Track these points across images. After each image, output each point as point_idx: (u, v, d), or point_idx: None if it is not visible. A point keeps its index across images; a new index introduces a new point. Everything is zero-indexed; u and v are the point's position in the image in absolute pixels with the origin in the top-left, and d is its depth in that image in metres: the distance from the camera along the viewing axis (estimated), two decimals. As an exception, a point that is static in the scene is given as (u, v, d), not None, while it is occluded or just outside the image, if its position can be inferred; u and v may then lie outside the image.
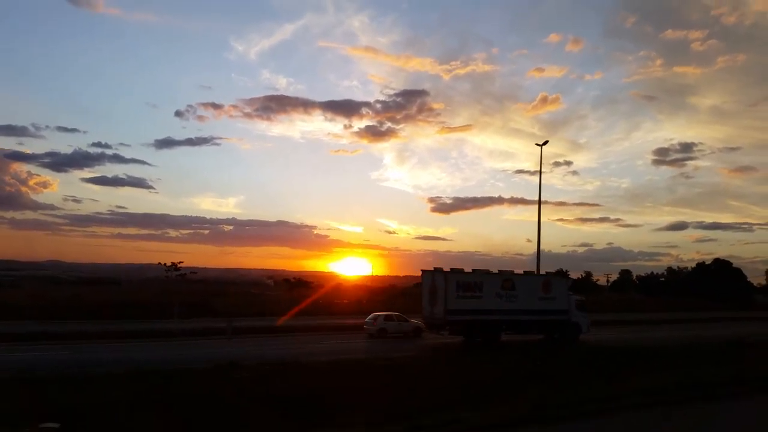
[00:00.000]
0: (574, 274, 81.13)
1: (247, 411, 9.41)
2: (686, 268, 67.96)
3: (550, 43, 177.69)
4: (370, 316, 29.66)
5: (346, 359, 17.07)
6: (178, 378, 12.88)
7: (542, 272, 30.80)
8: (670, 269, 68.25)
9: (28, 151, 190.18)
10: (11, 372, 13.76)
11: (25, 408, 9.09)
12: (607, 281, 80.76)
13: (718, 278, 60.74)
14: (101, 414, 8.94)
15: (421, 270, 26.39)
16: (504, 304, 24.21)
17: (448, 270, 24.84)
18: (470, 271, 25.28)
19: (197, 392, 10.94)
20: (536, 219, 37.24)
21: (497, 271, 25.74)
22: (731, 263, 66.54)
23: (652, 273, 69.50)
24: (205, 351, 21.59)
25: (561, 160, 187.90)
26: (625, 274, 70.31)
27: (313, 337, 27.99)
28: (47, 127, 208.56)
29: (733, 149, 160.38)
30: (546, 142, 32.78)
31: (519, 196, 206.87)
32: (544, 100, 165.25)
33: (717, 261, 66.99)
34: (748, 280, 67.79)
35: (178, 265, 41.35)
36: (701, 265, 66.26)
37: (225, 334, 26.69)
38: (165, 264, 41.01)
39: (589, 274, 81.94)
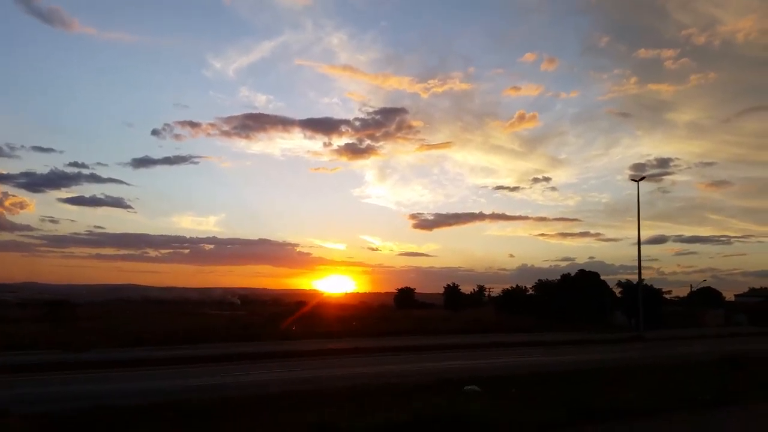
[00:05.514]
0: (465, 287, 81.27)
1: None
2: (554, 280, 66.39)
3: (525, 62, 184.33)
4: None
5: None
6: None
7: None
8: (539, 282, 66.45)
9: (3, 172, 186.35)
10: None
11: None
12: (489, 295, 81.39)
13: (575, 292, 57.78)
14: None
15: None
16: None
17: None
18: None
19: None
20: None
21: None
22: (599, 274, 62.87)
23: (516, 287, 68.10)
24: None
25: (540, 176, 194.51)
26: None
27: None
28: (22, 146, 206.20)
29: (708, 164, 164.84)
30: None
31: (500, 212, 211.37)
32: (522, 118, 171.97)
33: (581, 272, 62.54)
34: (612, 292, 61.01)
35: None
36: (565, 277, 62.17)
37: None
38: None
39: (481, 288, 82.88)
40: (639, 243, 41.42)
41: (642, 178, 43.41)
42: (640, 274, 42.17)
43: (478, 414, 9.34)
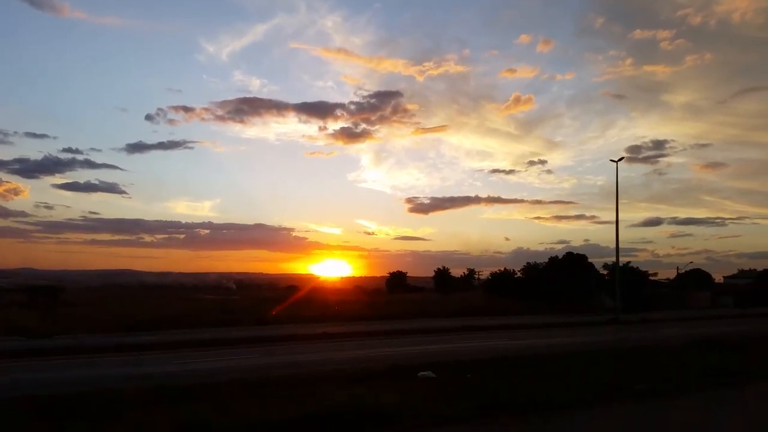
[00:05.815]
0: (458, 271, 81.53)
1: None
2: (542, 263, 62.89)
3: (520, 44, 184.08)
4: None
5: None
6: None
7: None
8: (527, 265, 66.43)
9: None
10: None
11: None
12: (478, 278, 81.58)
13: (563, 275, 56.66)
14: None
15: None
16: None
17: None
18: None
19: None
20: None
21: None
22: (586, 257, 61.20)
23: (504, 270, 66.83)
24: None
25: (536, 159, 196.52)
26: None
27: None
28: (16, 133, 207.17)
29: (704, 145, 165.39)
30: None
31: (496, 195, 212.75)
32: (518, 100, 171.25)
33: (569, 255, 60.78)
34: (601, 275, 59.97)
35: None
36: (553, 260, 61.10)
37: None
38: None
39: (472, 272, 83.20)
40: (617, 224, 41.44)
41: (621, 159, 43.26)
42: (617, 255, 42.29)
43: (386, 406, 8.89)
